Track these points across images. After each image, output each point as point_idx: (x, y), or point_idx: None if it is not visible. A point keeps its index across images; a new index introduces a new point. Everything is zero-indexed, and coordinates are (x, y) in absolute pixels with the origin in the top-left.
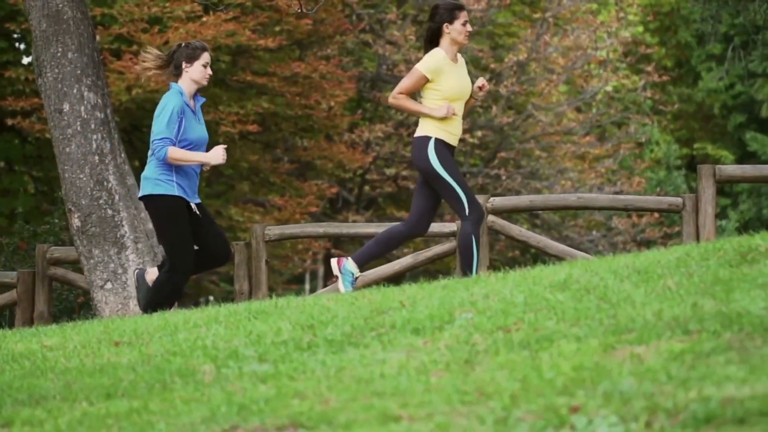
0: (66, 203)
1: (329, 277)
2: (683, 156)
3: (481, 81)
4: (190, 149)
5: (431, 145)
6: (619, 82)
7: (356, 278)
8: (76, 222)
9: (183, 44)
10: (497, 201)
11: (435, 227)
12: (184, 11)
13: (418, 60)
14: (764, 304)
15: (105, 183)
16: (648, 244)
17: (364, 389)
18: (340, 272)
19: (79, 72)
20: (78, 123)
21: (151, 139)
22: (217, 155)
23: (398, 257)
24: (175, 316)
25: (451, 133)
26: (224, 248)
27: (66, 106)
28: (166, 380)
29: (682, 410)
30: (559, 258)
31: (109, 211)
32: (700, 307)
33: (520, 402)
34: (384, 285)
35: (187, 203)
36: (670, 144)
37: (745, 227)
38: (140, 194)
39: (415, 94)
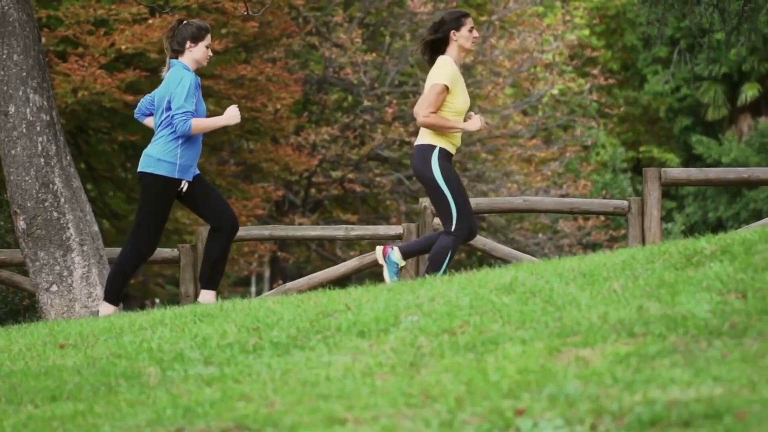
0: (11, 205)
1: (275, 279)
2: (629, 159)
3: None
4: None
5: (435, 154)
6: (565, 85)
7: (401, 269)
8: (21, 224)
9: (186, 22)
10: None
11: (381, 230)
12: (130, 13)
13: (364, 62)
14: (709, 306)
15: (50, 185)
16: (594, 247)
17: (310, 392)
18: (385, 261)
19: (24, 74)
20: (23, 125)
21: (172, 115)
22: (235, 114)
23: (344, 260)
24: (121, 318)
25: (454, 144)
26: (229, 218)
27: (11, 108)
28: (111, 383)
29: (627, 413)
30: (504, 261)
31: (55, 214)
32: (646, 310)
33: (466, 405)
34: (330, 288)
35: (180, 187)
36: (616, 147)
37: (690, 230)
38: (139, 169)
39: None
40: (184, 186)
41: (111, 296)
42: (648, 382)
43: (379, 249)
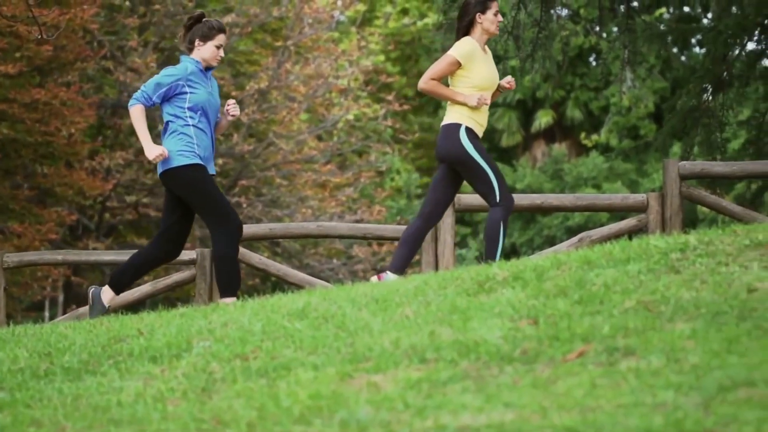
0: None
1: (69, 304)
2: (424, 185)
3: (509, 78)
4: (201, 115)
5: (462, 131)
6: (360, 110)
7: None
8: None
9: (204, 20)
10: None
11: None
12: None
13: None
14: (501, 332)
15: None
16: None
17: (101, 417)
18: None
19: None
20: None
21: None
22: (154, 153)
23: (138, 285)
24: None
25: (479, 123)
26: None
27: None
28: None
29: None
30: (298, 286)
31: None
32: (438, 336)
33: (257, 430)
34: (123, 313)
35: (205, 169)
36: (411, 173)
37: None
38: (161, 170)
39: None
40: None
41: (228, 290)
42: (439, 407)
43: (374, 278)
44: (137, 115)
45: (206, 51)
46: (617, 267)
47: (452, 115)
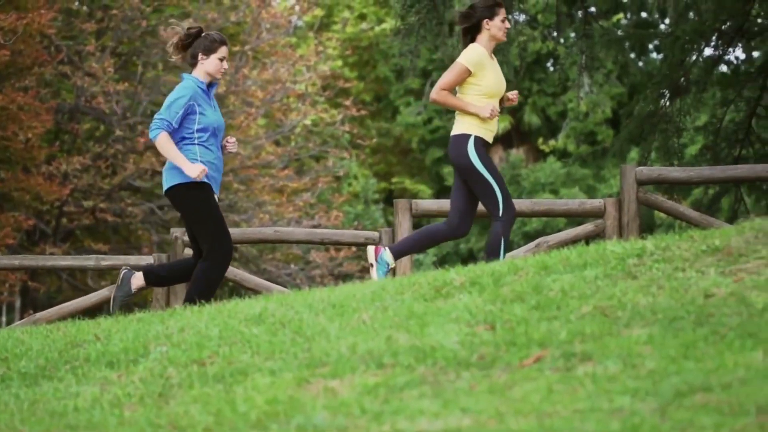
0: None
1: (26, 309)
2: (381, 190)
3: (515, 92)
4: (209, 135)
5: (471, 142)
6: (318, 115)
7: (390, 269)
8: None
9: (203, 34)
10: None
11: (132, 260)
12: None
13: (117, 92)
14: (458, 338)
15: None
16: (346, 277)
17: (58, 422)
18: (376, 261)
19: None
20: None
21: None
22: (196, 171)
23: (95, 290)
24: None
25: (490, 130)
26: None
27: None
28: None
29: None
30: (255, 291)
31: None
32: (395, 341)
33: None
34: (80, 318)
35: (209, 188)
36: (368, 178)
37: (442, 261)
38: (166, 186)
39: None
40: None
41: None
42: (396, 413)
43: (370, 248)
44: (164, 142)
45: (210, 65)
46: (574, 272)
47: (462, 125)
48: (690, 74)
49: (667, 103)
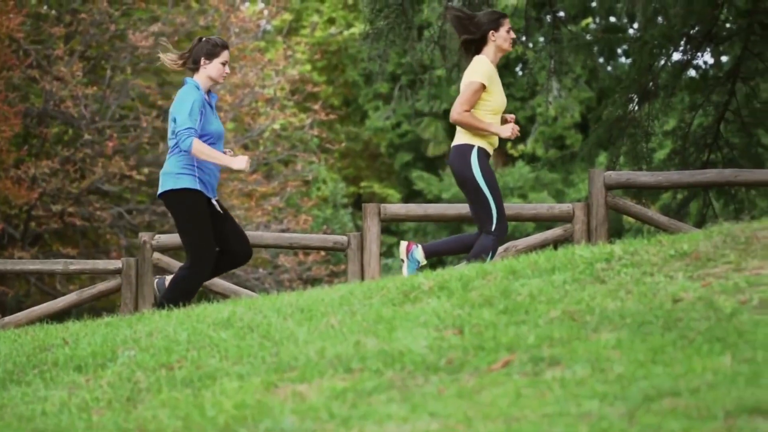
0: None
1: None
2: (350, 194)
3: (511, 116)
4: (210, 143)
5: (474, 154)
6: (287, 120)
7: (420, 267)
8: None
9: (204, 39)
10: (163, 238)
11: (100, 264)
12: None
13: (85, 96)
14: (426, 342)
15: None
16: (314, 282)
17: (26, 427)
18: (407, 258)
19: None
20: None
21: (175, 131)
22: (242, 162)
23: (64, 294)
24: None
25: (492, 143)
26: (244, 247)
27: None
28: None
29: None
30: (224, 296)
31: None
32: (363, 346)
33: None
34: (48, 322)
35: (208, 199)
36: (337, 182)
37: None
38: (160, 191)
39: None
40: (214, 203)
41: (167, 300)
42: (364, 417)
43: (403, 244)
44: (200, 146)
45: (213, 69)
46: (543, 277)
47: (465, 135)
48: (658, 79)
49: (636, 108)
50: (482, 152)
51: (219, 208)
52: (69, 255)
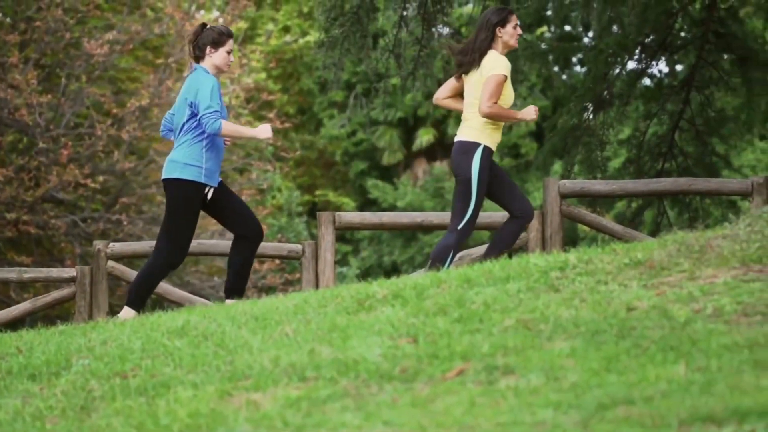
0: None
1: None
2: (305, 203)
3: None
4: None
5: (479, 152)
6: None
7: (454, 260)
8: None
9: (208, 27)
10: (117, 246)
11: (54, 272)
12: None
13: (40, 104)
14: (380, 351)
15: None
16: (269, 290)
17: None
18: None
19: None
20: None
21: (200, 115)
22: (267, 130)
23: (18, 302)
24: None
25: (497, 141)
26: (252, 226)
27: None
28: None
29: None
30: (178, 304)
31: None
32: (317, 354)
33: None
34: (2, 330)
35: (205, 192)
36: (292, 190)
37: (366, 274)
38: (164, 176)
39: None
40: (210, 192)
41: (136, 302)
42: (318, 426)
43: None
44: (227, 126)
45: (218, 57)
46: (497, 285)
47: (473, 132)
48: (613, 87)
49: (591, 117)
50: (487, 151)
51: (217, 194)
52: (23, 263)
